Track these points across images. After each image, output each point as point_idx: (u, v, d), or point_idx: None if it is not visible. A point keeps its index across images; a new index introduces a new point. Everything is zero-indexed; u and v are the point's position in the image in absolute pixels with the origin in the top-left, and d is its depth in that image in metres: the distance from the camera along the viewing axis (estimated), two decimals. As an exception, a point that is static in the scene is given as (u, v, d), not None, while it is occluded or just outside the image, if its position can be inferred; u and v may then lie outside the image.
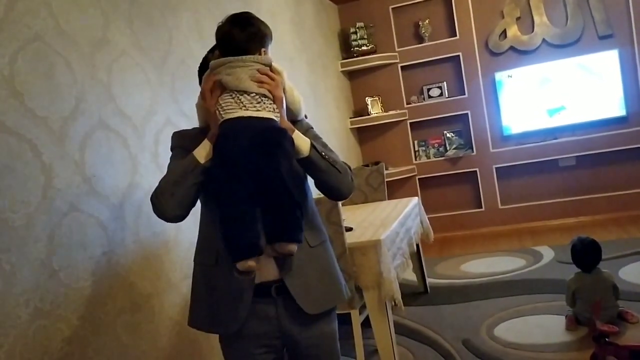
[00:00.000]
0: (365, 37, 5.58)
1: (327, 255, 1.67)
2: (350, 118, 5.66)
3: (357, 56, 5.59)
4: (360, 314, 2.99)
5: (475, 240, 5.42)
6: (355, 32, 5.58)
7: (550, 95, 5.32)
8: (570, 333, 3.05)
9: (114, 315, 2.08)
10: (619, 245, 4.37)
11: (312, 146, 1.58)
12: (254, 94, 1.52)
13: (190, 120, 2.64)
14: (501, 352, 2.95)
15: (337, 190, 1.64)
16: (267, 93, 1.53)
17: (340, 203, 3.10)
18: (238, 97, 1.51)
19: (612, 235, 4.71)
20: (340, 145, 5.20)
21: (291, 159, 1.54)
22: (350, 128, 5.65)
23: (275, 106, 1.54)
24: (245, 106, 1.50)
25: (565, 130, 5.38)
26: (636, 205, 5.24)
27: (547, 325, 3.19)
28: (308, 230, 1.61)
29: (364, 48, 5.58)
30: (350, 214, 3.67)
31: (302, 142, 1.57)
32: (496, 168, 5.60)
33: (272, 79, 1.54)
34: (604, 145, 5.25)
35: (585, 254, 3.12)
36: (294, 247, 1.52)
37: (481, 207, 5.70)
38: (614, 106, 5.20)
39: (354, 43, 5.58)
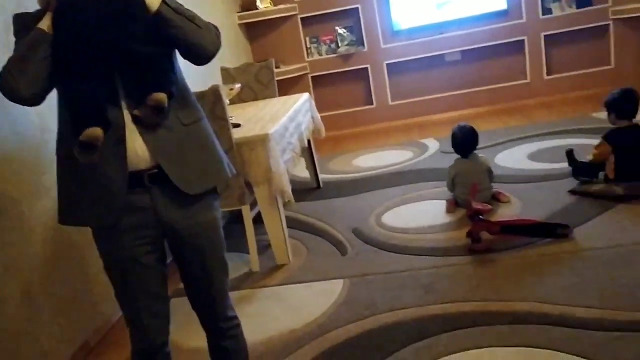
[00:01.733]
0: None
1: (204, 133, 1.57)
2: (238, 13, 5.37)
3: (242, -55, 5.23)
4: (251, 210, 2.98)
5: (367, 136, 5.54)
6: None
7: (437, -11, 5.34)
8: (450, 215, 3.25)
9: (-27, 221, 1.90)
10: (497, 134, 4.65)
11: (163, 2, 1.44)
12: None
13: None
14: (388, 237, 3.10)
15: (199, 46, 1.49)
16: None
17: (225, 99, 2.99)
18: None
19: (491, 125, 4.98)
20: (228, 42, 4.95)
21: (144, 22, 1.42)
22: (239, 24, 5.38)
23: None
24: None
25: (451, 25, 5.46)
26: (513, 97, 5.55)
27: (430, 210, 3.37)
28: (180, 109, 1.51)
29: None
30: (239, 112, 3.56)
31: (152, 0, 1.43)
32: (387, 64, 5.64)
33: None
34: (486, 39, 5.41)
35: (464, 139, 3.28)
36: (162, 96, 1.43)
37: (372, 104, 5.78)
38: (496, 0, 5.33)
39: None
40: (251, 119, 3.26)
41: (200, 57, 1.51)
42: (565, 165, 3.45)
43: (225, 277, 1.66)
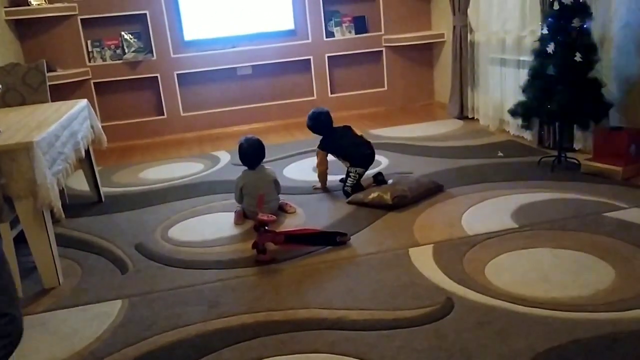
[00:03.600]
0: None
1: None
2: (5, 8, 4.77)
3: None
4: (13, 228, 2.62)
5: (157, 148, 5.32)
6: None
7: (227, 4, 5.37)
8: (238, 227, 3.24)
9: None
10: (286, 147, 4.82)
11: None
12: None
13: None
14: (173, 251, 2.98)
15: None
16: None
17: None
18: None
19: (281, 139, 5.15)
20: (-8, 38, 4.36)
21: None
22: (6, 20, 4.77)
23: None
24: None
25: (243, 40, 5.55)
26: (302, 112, 5.78)
27: (218, 222, 3.33)
28: None
29: None
30: (1, 117, 3.13)
31: None
32: (177, 74, 5.49)
33: None
34: (276, 56, 5.60)
35: (250, 151, 3.31)
36: None
37: (163, 115, 5.57)
38: (285, 19, 5.55)
39: None
40: (14, 125, 2.88)
41: None
42: (343, 176, 3.68)
43: None
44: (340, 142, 3.64)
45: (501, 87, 4.65)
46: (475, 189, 3.45)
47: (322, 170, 3.67)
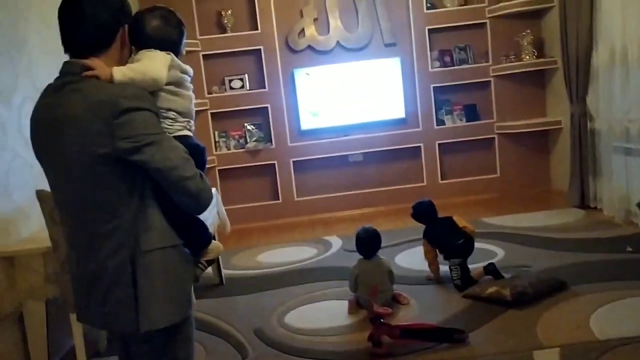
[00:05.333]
0: (166, 20, 5.33)
1: None
2: (147, 104, 5.37)
3: (156, 39, 5.31)
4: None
5: (272, 232, 5.55)
6: (155, 14, 5.30)
7: (341, 95, 5.68)
8: (352, 316, 3.27)
9: None
10: (397, 234, 4.83)
11: None
12: None
13: None
14: (289, 338, 3.05)
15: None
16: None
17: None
18: None
19: (391, 225, 5.19)
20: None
21: None
22: (147, 114, 5.36)
23: None
24: None
25: (355, 129, 5.78)
26: (412, 198, 5.80)
27: (332, 310, 3.38)
28: None
29: (164, 32, 5.33)
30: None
31: None
32: (293, 161, 5.80)
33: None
34: (387, 143, 5.76)
35: (367, 242, 3.38)
36: None
37: (278, 199, 5.85)
38: (396, 108, 5.74)
39: (153, 25, 5.30)
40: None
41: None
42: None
43: None
44: (436, 232, 3.61)
45: (626, 177, 4.42)
46: (604, 287, 3.23)
47: (429, 260, 3.63)
